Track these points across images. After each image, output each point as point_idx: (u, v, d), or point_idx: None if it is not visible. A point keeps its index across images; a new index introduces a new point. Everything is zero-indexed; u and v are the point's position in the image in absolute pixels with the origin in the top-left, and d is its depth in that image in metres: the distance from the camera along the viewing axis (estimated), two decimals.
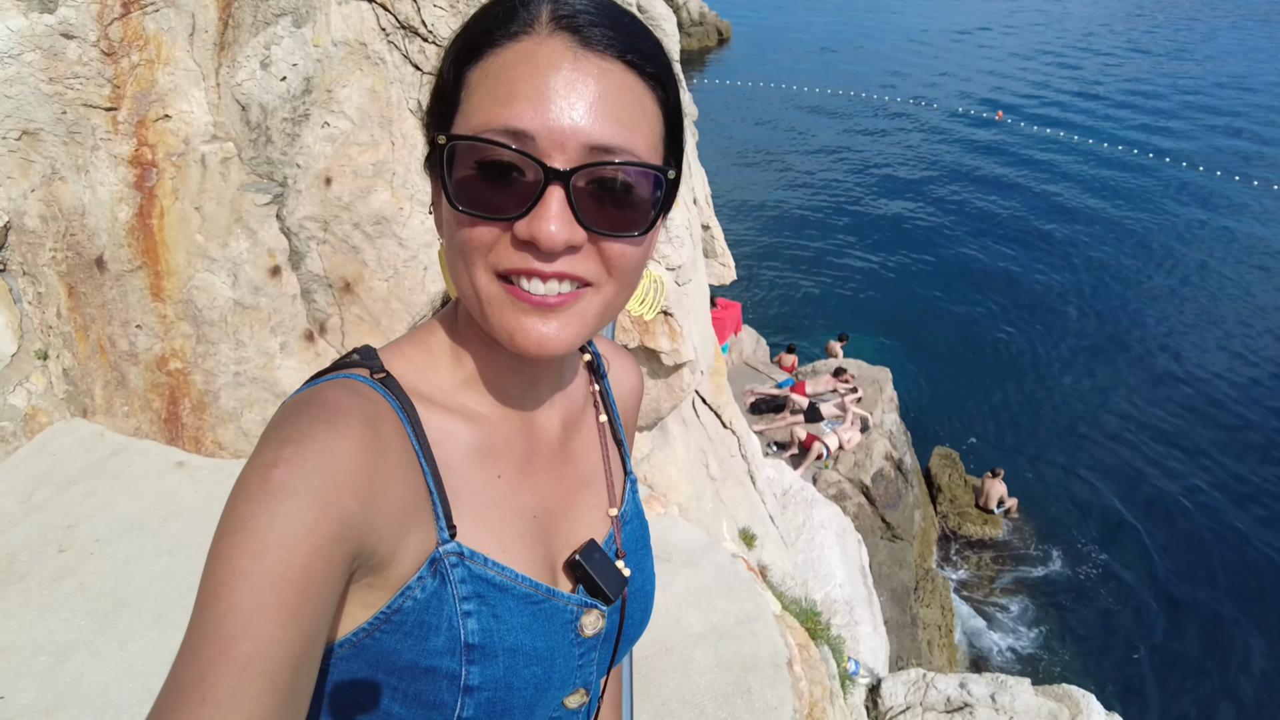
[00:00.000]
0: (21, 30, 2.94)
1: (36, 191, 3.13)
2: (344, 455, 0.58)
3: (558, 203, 0.62)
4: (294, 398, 0.66)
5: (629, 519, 0.91)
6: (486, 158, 0.63)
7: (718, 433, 4.67)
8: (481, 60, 0.65)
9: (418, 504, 0.66)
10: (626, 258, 0.68)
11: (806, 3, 50.77)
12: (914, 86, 32.04)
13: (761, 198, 22.31)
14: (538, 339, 0.67)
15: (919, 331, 16.39)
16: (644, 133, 0.67)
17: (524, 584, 0.74)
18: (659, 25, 4.55)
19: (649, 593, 0.92)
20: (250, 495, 0.54)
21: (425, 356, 0.76)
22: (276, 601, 0.50)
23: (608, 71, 0.64)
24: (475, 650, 0.69)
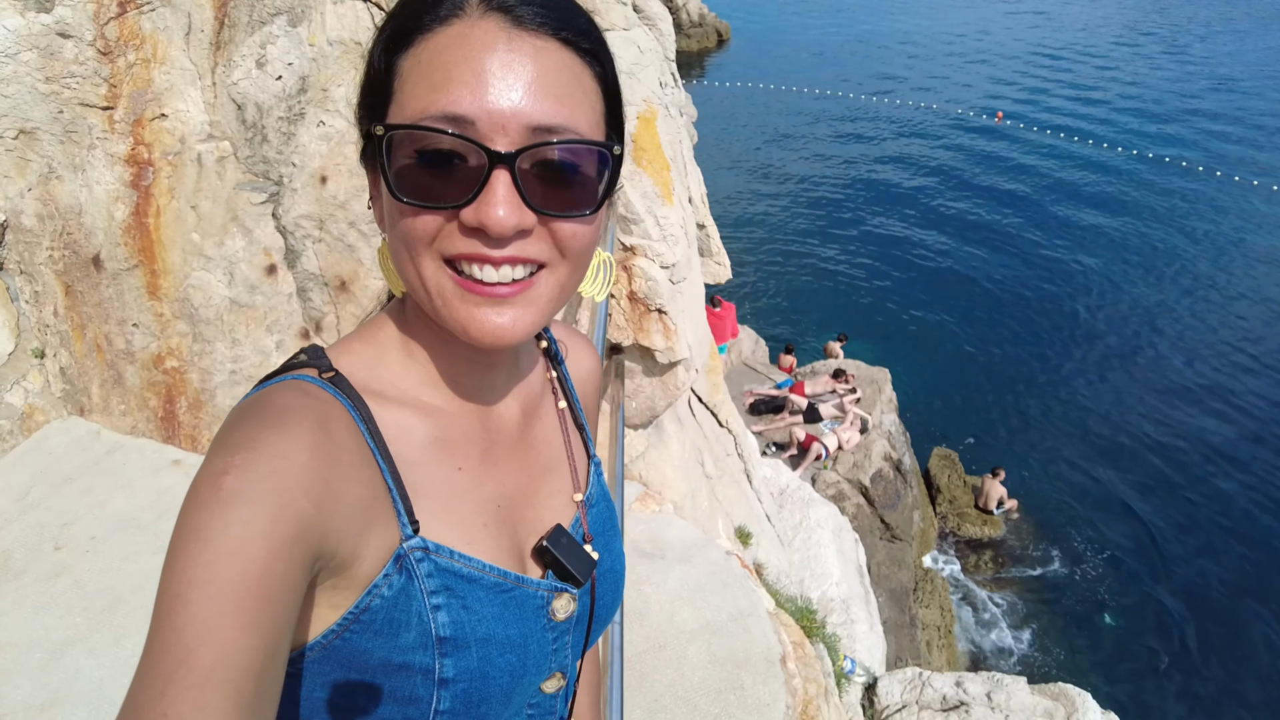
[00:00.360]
0: (18, 29, 2.95)
1: (33, 190, 3.14)
2: (296, 458, 0.58)
3: (504, 186, 0.62)
4: (242, 403, 0.65)
5: (594, 502, 0.91)
6: (426, 145, 0.62)
7: (714, 431, 4.67)
8: (413, 47, 0.64)
9: (377, 501, 0.65)
10: (578, 238, 0.68)
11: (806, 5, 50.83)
12: (913, 89, 32.07)
13: (761, 199, 22.33)
14: (493, 330, 0.66)
15: (918, 332, 16.41)
16: (585, 110, 0.66)
17: (492, 573, 0.73)
18: (656, 24, 4.57)
19: (619, 573, 0.93)
20: (203, 504, 0.53)
21: (375, 352, 0.75)
22: (236, 609, 0.50)
23: (543, 50, 0.63)
24: (447, 643, 0.69)
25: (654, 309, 3.11)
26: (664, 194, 3.24)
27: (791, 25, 44.23)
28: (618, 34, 3.37)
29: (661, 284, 3.10)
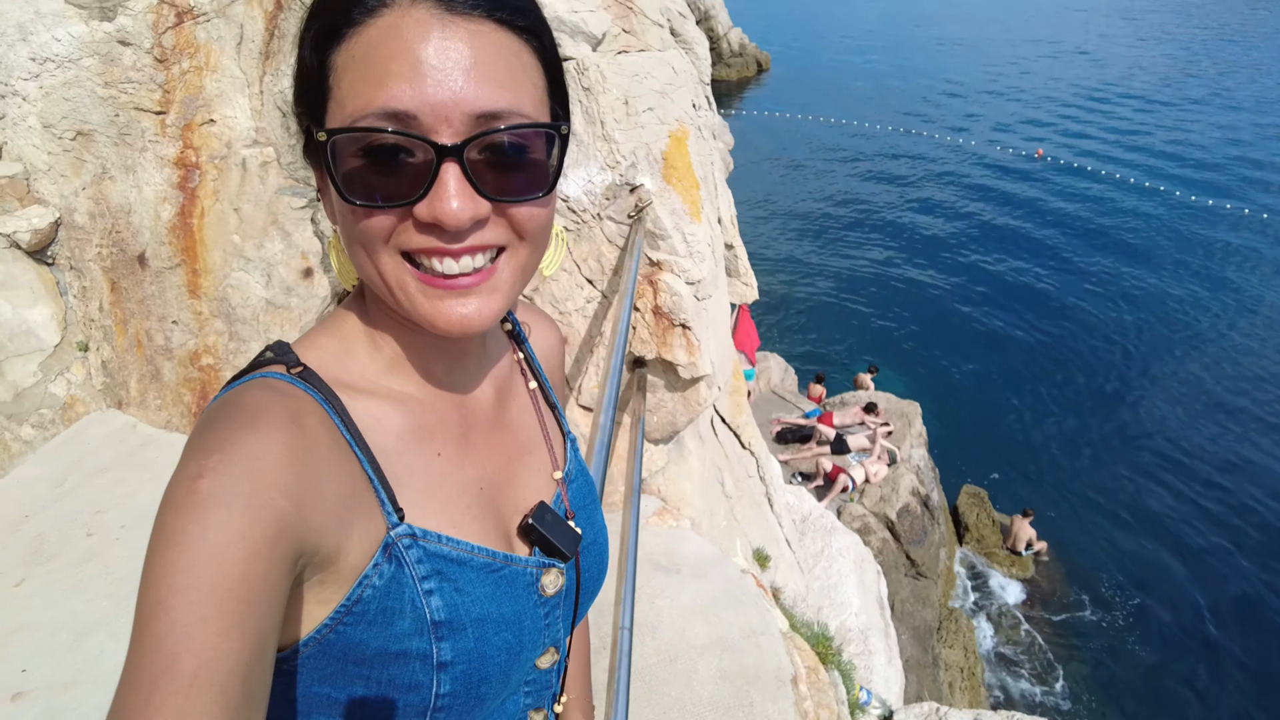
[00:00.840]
0: (81, 37, 3.10)
1: (87, 190, 3.27)
2: (270, 456, 0.57)
3: (455, 179, 0.61)
4: (212, 405, 0.64)
5: (573, 478, 0.92)
6: (371, 144, 0.61)
7: (735, 452, 4.67)
8: (344, 42, 0.62)
9: (357, 494, 0.65)
10: (535, 219, 0.68)
11: (847, 38, 51.09)
12: (952, 124, 31.99)
13: (795, 228, 22.35)
14: (460, 320, 0.66)
15: (950, 368, 16.22)
16: (527, 89, 0.65)
17: (481, 554, 0.74)
18: (692, 48, 4.65)
19: (602, 545, 0.94)
20: (179, 509, 0.52)
21: (341, 344, 0.73)
22: (217, 613, 0.49)
23: (479, 34, 0.62)
24: (443, 626, 0.69)
25: (678, 324, 3.13)
26: (692, 212, 3.28)
27: (831, 58, 44.47)
28: (652, 55, 3.44)
29: (686, 299, 3.13)
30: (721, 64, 33.69)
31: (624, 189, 3.03)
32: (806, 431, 12.13)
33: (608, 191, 3.03)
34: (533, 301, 3.13)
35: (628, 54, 3.32)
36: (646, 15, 3.58)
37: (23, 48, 3.13)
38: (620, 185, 3.03)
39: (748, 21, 38.41)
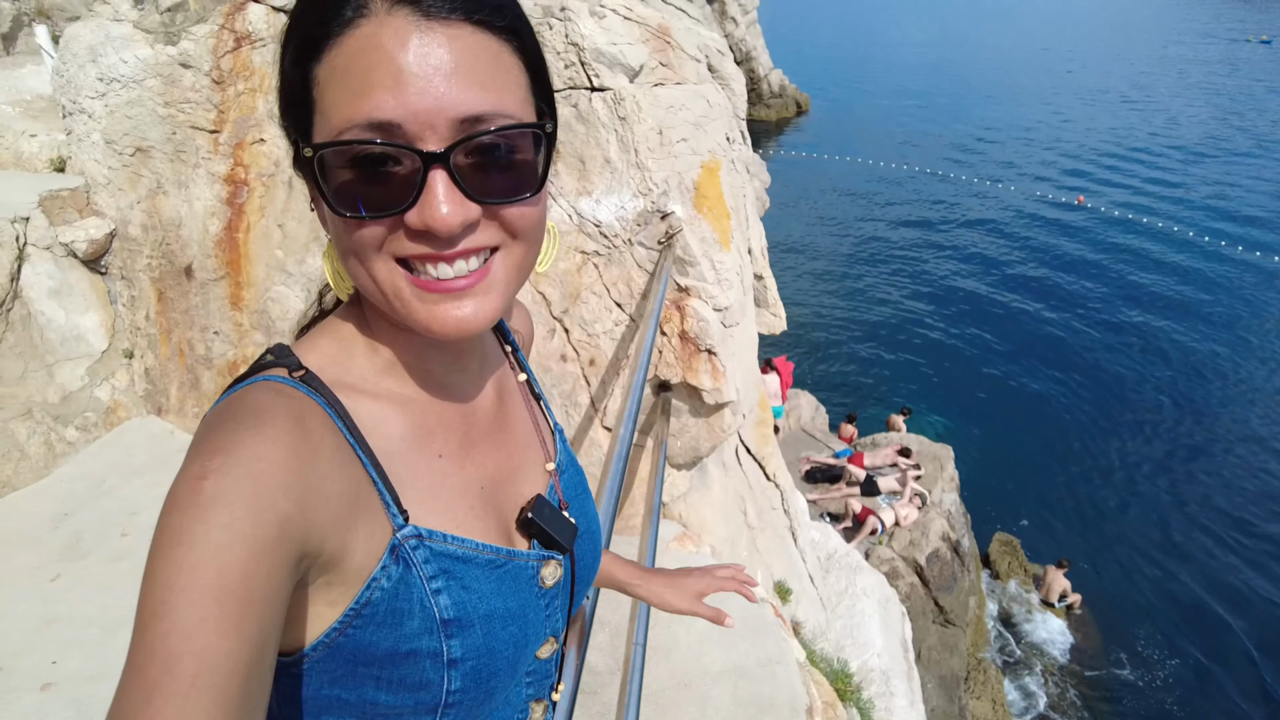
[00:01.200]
0: (147, 59, 3.26)
1: (141, 203, 3.42)
2: (273, 458, 0.57)
3: (443, 185, 0.61)
4: (216, 407, 0.64)
5: (564, 469, 0.94)
6: (358, 156, 0.61)
7: (759, 483, 4.65)
8: (324, 55, 0.62)
9: (360, 495, 0.65)
10: (526, 218, 0.68)
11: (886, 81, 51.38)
12: (991, 166, 31.86)
13: (831, 267, 22.33)
14: (456, 323, 0.66)
15: (985, 412, 15.97)
16: (511, 89, 0.65)
17: (485, 551, 0.75)
18: (729, 84, 4.74)
19: (595, 534, 0.97)
20: (182, 509, 0.53)
21: (341, 347, 0.74)
22: (218, 614, 0.49)
23: (457, 37, 0.62)
24: (452, 624, 0.70)
25: (704, 349, 3.16)
26: (722, 240, 3.33)
27: (871, 101, 44.70)
28: (688, 88, 3.52)
29: (713, 325, 3.16)
30: (761, 104, 34.04)
31: (655, 216, 3.10)
32: (836, 471, 12.01)
33: (639, 218, 3.09)
34: (563, 321, 3.19)
35: (664, 86, 3.41)
36: (684, 50, 3.68)
37: (92, 69, 3.31)
38: (652, 212, 3.09)
39: (789, 63, 38.85)
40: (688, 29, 3.93)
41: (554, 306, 3.17)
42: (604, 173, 3.09)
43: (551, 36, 3.14)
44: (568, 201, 3.11)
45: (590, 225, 3.10)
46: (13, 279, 3.17)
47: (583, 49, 3.10)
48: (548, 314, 3.19)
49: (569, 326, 3.18)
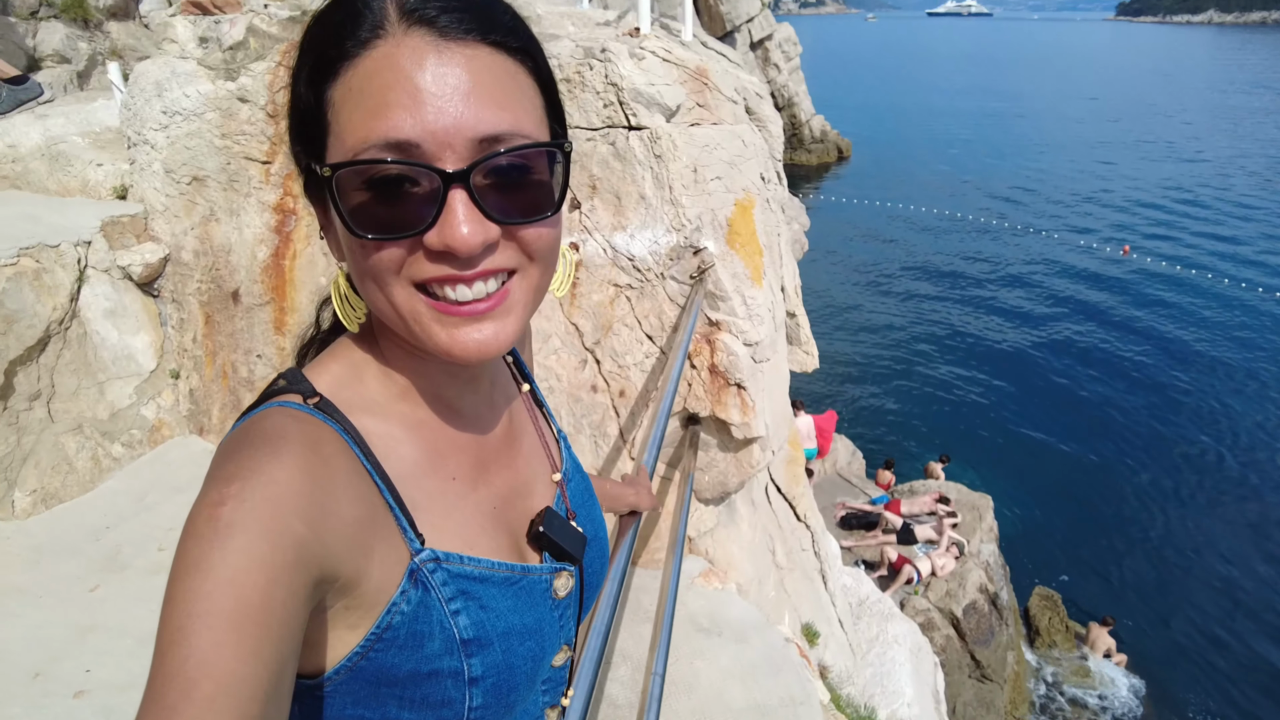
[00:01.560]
0: (207, 94, 3.43)
1: (195, 229, 3.57)
2: (289, 484, 0.57)
3: (463, 205, 0.61)
4: (231, 434, 0.65)
5: (570, 477, 0.95)
6: (375, 176, 0.61)
7: (789, 523, 4.60)
8: (340, 75, 0.62)
9: (376, 519, 0.66)
10: (544, 239, 0.68)
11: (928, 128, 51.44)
12: (1034, 215, 31.54)
13: (869, 312, 22.20)
14: (476, 346, 0.66)
15: (1025, 463, 15.60)
16: (527, 109, 0.65)
17: (501, 569, 0.76)
18: (765, 126, 4.81)
19: (602, 540, 0.98)
20: (200, 536, 0.53)
21: (352, 373, 0.74)
22: (236, 639, 0.50)
23: (474, 58, 0.62)
24: (472, 644, 0.71)
25: (733, 383, 3.17)
26: (754, 276, 3.36)
27: (912, 147, 44.72)
28: (724, 128, 3.59)
29: (743, 359, 3.17)
30: (803, 149, 34.27)
31: (688, 250, 3.14)
32: (872, 518, 11.80)
33: (672, 252, 3.14)
34: (594, 351, 3.23)
35: (700, 126, 3.48)
36: (721, 91, 3.75)
37: (157, 102, 3.49)
38: (684, 247, 3.14)
39: (831, 110, 39.11)
40: (725, 71, 4.02)
41: (586, 338, 3.22)
42: (639, 208, 3.15)
43: (591, 77, 3.23)
44: (603, 236, 3.18)
45: (624, 259, 3.15)
46: (72, 299, 3.31)
47: (621, 89, 3.19)
48: (580, 344, 3.23)
49: (600, 358, 3.22)
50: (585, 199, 3.21)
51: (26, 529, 3.14)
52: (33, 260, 3.19)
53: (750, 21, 27.40)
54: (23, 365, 3.14)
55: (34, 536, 3.11)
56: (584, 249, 3.17)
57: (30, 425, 3.16)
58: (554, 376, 3.20)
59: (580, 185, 3.22)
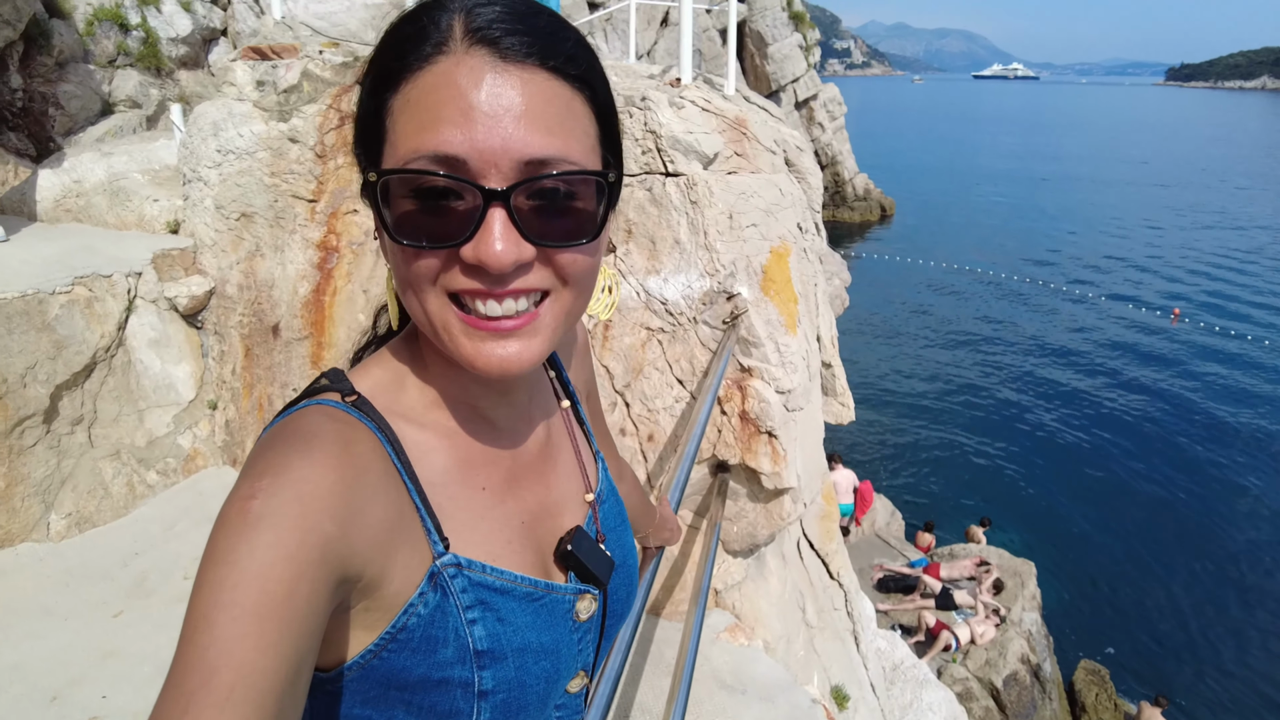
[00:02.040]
0: (260, 134, 3.55)
1: (240, 264, 3.66)
2: (320, 481, 0.58)
3: (500, 223, 0.62)
4: (269, 429, 0.65)
5: (604, 499, 0.93)
6: (420, 186, 0.62)
7: (821, 580, 4.47)
8: (401, 86, 0.64)
9: (403, 522, 0.66)
10: (578, 265, 0.68)
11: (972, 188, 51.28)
12: (1079, 278, 31.04)
13: (910, 367, 21.90)
14: (499, 362, 0.67)
15: (1070, 527, 15.07)
16: (578, 137, 0.66)
17: (524, 584, 0.75)
18: (805, 178, 4.83)
19: (631, 567, 0.95)
20: (230, 528, 0.54)
21: (393, 377, 0.75)
22: (258, 631, 0.50)
23: (530, 81, 0.63)
24: (485, 656, 0.70)
25: (764, 431, 3.12)
26: (788, 324, 3.33)
27: (957, 207, 44.56)
28: (761, 177, 3.60)
29: (774, 407, 3.12)
30: (845, 206, 34.34)
31: (721, 296, 3.13)
32: (911, 581, 11.48)
33: (705, 297, 3.13)
34: (624, 395, 3.21)
35: (737, 174, 3.50)
36: (759, 141, 3.78)
37: (213, 141, 3.62)
38: (717, 292, 3.12)
39: (875, 169, 39.25)
40: (764, 122, 4.05)
41: (616, 380, 3.20)
42: (673, 253, 3.16)
43: (631, 124, 3.28)
44: (637, 279, 3.18)
45: (657, 302, 3.15)
46: (120, 328, 3.41)
47: (660, 136, 3.23)
48: (610, 387, 3.22)
49: (630, 400, 3.20)
50: (621, 243, 3.23)
51: (60, 551, 3.17)
52: (86, 289, 3.29)
53: (795, 82, 27.80)
54: (68, 390, 3.22)
55: (66, 559, 3.15)
56: (617, 291, 3.18)
57: (71, 449, 3.22)
58: None
59: (616, 229, 3.24)
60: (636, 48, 18.83)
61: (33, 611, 2.86)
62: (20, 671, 2.58)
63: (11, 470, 3.07)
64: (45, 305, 3.13)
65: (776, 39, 26.44)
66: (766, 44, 26.38)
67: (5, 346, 3.03)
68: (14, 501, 3.09)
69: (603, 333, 3.20)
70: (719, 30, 22.73)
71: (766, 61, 26.63)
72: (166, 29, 8.09)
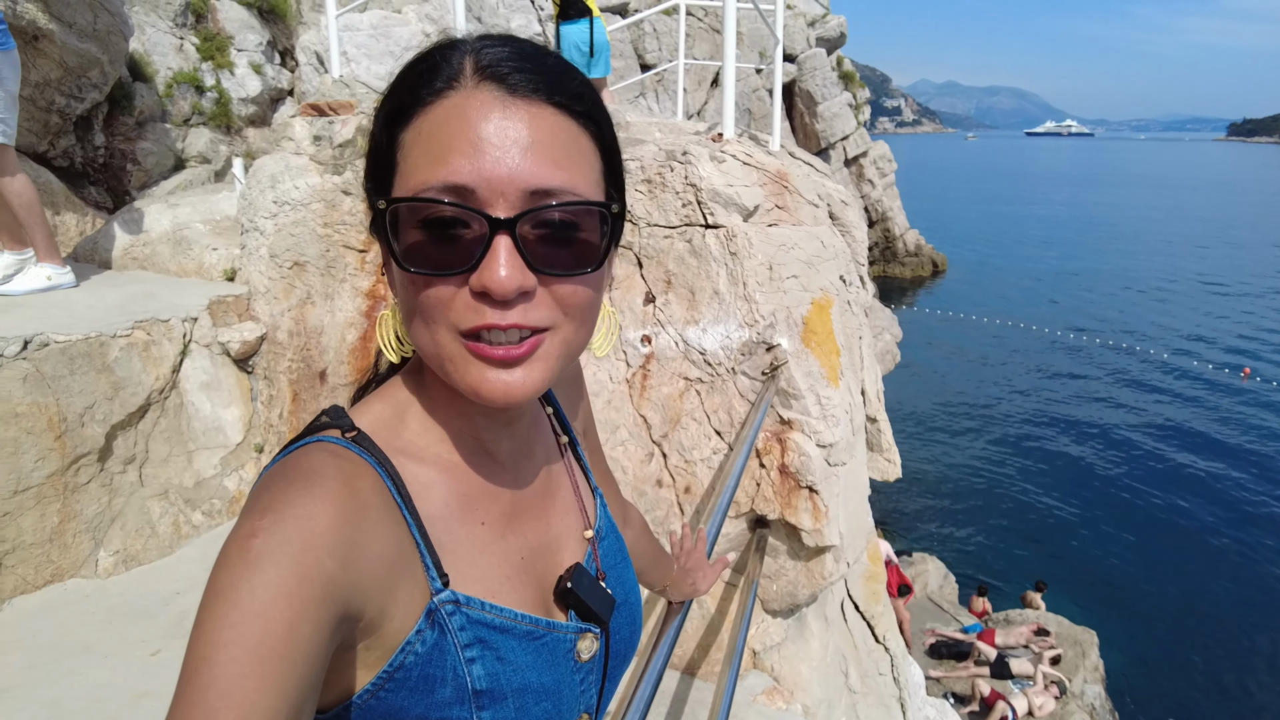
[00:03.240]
0: (315, 186, 3.68)
1: (291, 311, 3.76)
2: (321, 518, 0.58)
3: (505, 250, 0.64)
4: (270, 467, 0.66)
5: (604, 535, 0.92)
6: (429, 216, 0.64)
7: (866, 644, 4.31)
8: (413, 121, 0.66)
9: (403, 558, 0.66)
10: (579, 296, 0.70)
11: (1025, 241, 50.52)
12: (1141, 334, 30.10)
13: (963, 426, 21.37)
14: (503, 389, 0.68)
15: (1135, 597, 14.32)
16: (583, 170, 0.69)
17: (524, 622, 0.75)
18: (850, 231, 4.81)
19: (634, 605, 0.93)
20: (230, 566, 0.55)
21: (393, 413, 0.76)
22: (259, 671, 0.50)
23: (538, 115, 0.66)
24: (484, 696, 0.69)
25: (804, 485, 3.05)
26: (830, 376, 3.28)
27: (1011, 263, 43.89)
28: (803, 229, 3.60)
29: (815, 461, 3.06)
30: (896, 262, 34.08)
31: (760, 347, 3.10)
32: (964, 648, 11.02)
33: (744, 347, 3.10)
34: (661, 446, 3.18)
35: (778, 226, 3.50)
36: (801, 195, 3.79)
37: (270, 193, 3.76)
38: (757, 343, 3.10)
39: (927, 225, 38.96)
40: (807, 175, 4.06)
41: (654, 430, 3.18)
42: (712, 303, 3.15)
43: (672, 178, 3.32)
44: (675, 329, 3.18)
45: (695, 353, 3.13)
46: (174, 370, 3.51)
47: (700, 189, 3.25)
48: (647, 437, 3.19)
49: (667, 451, 3.17)
50: (660, 293, 3.24)
51: (106, 588, 3.23)
52: (144, 333, 3.41)
53: (845, 139, 27.96)
54: (123, 430, 3.32)
55: (111, 597, 3.20)
56: (656, 342, 3.17)
57: (122, 488, 3.30)
58: (619, 469, 3.16)
59: (656, 280, 3.26)
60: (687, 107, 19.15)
61: (74, 649, 2.90)
62: (57, 709, 2.60)
63: (66, 507, 3.15)
64: (106, 348, 3.25)
65: (826, 98, 26.73)
66: (816, 103, 26.67)
67: (67, 386, 3.14)
68: (66, 538, 3.17)
69: (640, 382, 3.19)
70: (768, 90, 23.08)
71: (816, 120, 26.88)
72: (238, 90, 8.53)
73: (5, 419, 2.97)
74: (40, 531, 3.09)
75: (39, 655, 2.85)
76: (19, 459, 3.00)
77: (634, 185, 3.38)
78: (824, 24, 27.40)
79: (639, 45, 17.92)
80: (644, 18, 14.72)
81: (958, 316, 31.28)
